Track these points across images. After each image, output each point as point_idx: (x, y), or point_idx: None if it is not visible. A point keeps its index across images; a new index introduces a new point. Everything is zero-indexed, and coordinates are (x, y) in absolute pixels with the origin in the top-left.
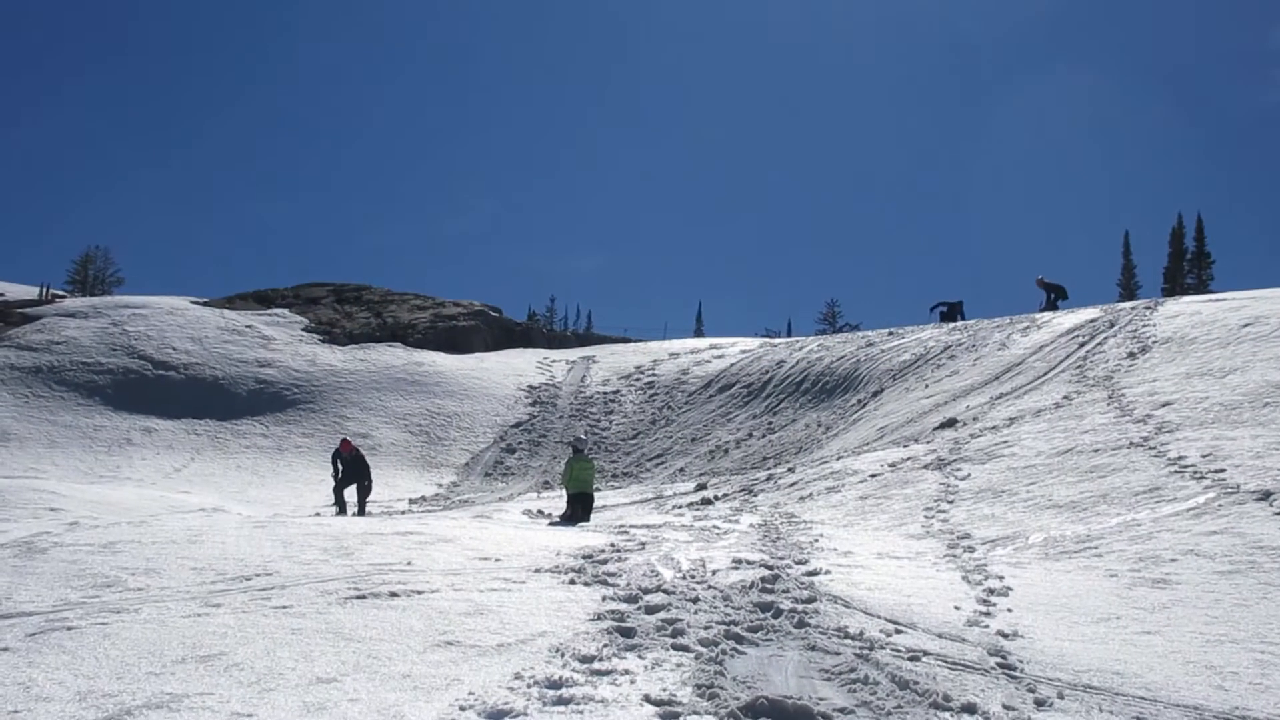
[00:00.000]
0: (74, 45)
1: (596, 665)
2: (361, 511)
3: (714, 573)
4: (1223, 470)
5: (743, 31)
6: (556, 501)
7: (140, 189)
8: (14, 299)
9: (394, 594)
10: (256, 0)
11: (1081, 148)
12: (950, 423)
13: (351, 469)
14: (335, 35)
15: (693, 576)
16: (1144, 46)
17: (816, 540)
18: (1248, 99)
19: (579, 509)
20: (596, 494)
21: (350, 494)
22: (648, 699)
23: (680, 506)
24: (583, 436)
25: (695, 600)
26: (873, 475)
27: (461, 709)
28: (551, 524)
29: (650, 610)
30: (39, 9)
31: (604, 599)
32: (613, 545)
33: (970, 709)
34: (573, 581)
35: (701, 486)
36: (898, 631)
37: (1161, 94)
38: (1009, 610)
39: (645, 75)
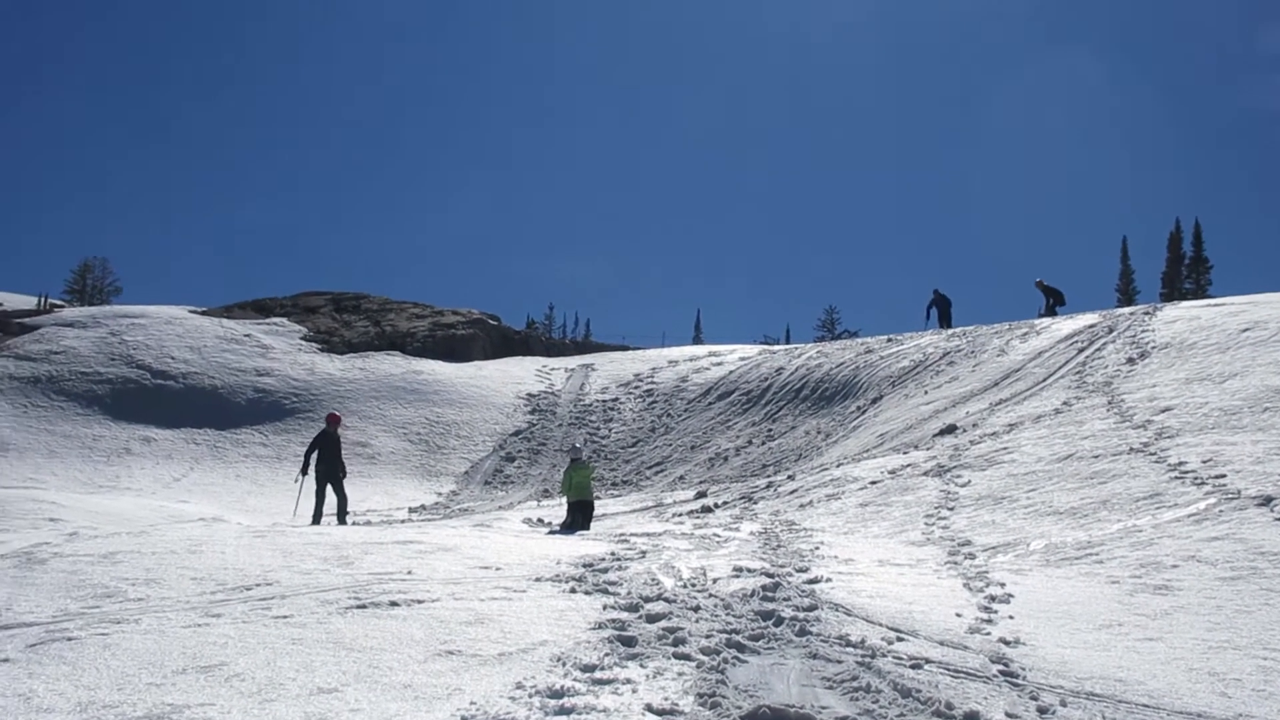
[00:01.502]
0: (70, 52)
1: (598, 674)
2: (341, 520)
3: (715, 581)
4: (1223, 476)
5: (740, 33)
6: (556, 510)
7: (138, 198)
8: (12, 309)
9: (394, 603)
10: (257, 3)
11: (1079, 152)
12: (950, 429)
13: (330, 453)
14: (334, 38)
15: (694, 585)
16: (1140, 49)
17: (817, 548)
18: (1244, 102)
19: (579, 517)
20: (596, 502)
21: (329, 505)
22: (649, 708)
23: (680, 514)
24: (579, 445)
25: (696, 609)
26: (873, 482)
27: (463, 719)
28: (551, 532)
29: (651, 619)
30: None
31: (605, 608)
32: (613, 554)
33: (973, 717)
34: (573, 590)
35: (701, 494)
36: (899, 639)
37: (1159, 98)
38: (1010, 617)
39: (643, 79)
